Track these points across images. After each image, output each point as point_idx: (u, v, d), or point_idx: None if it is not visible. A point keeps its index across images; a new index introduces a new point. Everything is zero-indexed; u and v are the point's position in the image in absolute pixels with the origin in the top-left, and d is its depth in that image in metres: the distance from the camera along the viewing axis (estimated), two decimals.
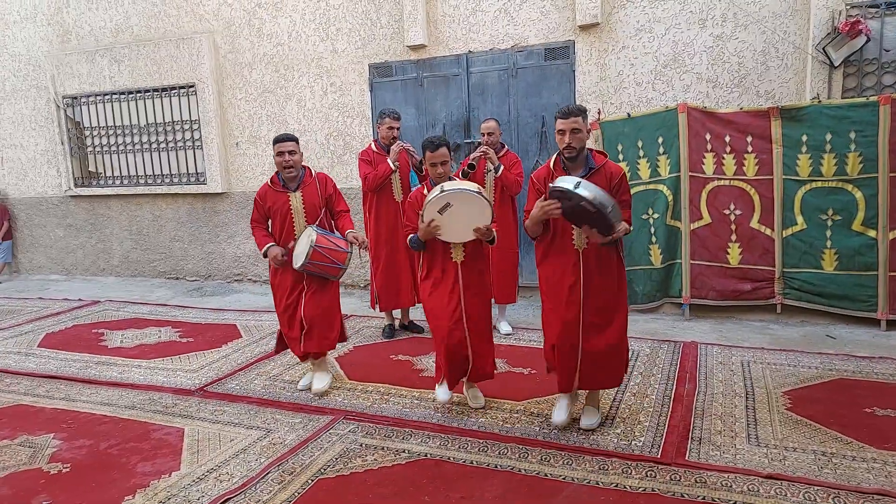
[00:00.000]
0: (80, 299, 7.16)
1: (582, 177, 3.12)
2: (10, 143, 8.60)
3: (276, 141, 3.91)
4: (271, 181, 4.02)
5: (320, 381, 4.10)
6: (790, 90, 5.23)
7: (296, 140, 3.94)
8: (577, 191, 2.91)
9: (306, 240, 3.83)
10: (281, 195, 3.97)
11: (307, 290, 3.99)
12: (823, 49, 4.90)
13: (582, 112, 3.21)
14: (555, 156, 3.30)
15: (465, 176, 5.09)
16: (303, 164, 4.03)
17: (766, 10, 5.20)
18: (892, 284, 4.84)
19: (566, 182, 2.99)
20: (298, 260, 3.83)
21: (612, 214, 2.96)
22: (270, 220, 4.07)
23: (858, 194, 4.85)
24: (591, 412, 3.49)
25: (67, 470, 3.25)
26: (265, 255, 3.98)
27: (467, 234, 3.45)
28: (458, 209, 3.37)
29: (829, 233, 4.99)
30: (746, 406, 3.65)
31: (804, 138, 4.92)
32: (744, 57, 5.31)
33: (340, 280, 4.10)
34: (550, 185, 3.10)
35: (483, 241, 3.55)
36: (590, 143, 5.72)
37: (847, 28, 4.69)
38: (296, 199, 3.96)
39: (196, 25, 7.35)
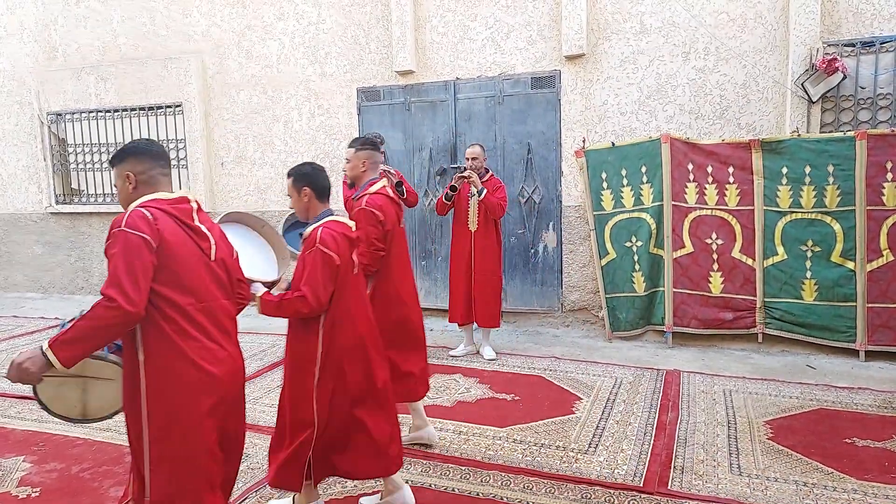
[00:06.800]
0: (56, 318, 7.02)
1: None
2: None
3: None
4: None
5: None
6: (770, 123, 5.35)
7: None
8: None
9: None
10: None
11: None
12: (802, 84, 5.02)
13: None
14: None
15: (449, 199, 5.14)
16: None
17: (746, 45, 5.34)
18: (871, 315, 4.90)
19: None
20: None
21: None
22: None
23: (837, 226, 4.93)
24: None
25: (37, 494, 3.15)
26: None
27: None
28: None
29: (808, 263, 5.06)
30: (728, 435, 3.66)
31: (784, 170, 5.02)
32: (725, 90, 5.43)
33: None
34: None
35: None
36: (574, 172, 5.81)
37: (824, 65, 4.82)
38: None
39: (184, 46, 7.36)
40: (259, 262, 2.82)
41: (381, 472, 2.83)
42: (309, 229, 2.69)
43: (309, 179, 2.75)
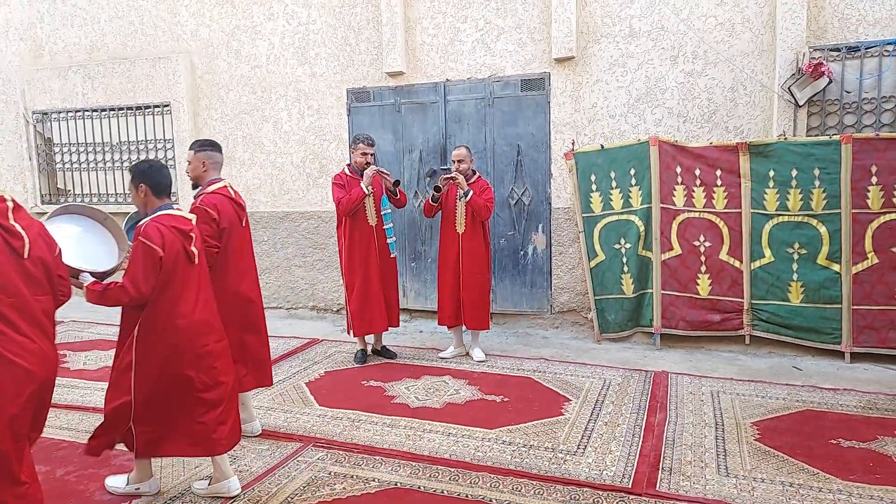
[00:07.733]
0: None
1: None
2: None
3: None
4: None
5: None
6: (758, 126, 5.39)
7: None
8: None
9: None
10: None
11: None
12: (789, 88, 5.07)
13: None
14: None
15: (435, 201, 5.16)
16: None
17: (734, 49, 5.38)
18: (856, 317, 4.95)
19: None
20: None
21: None
22: None
23: (823, 229, 4.98)
24: None
25: None
26: None
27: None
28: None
29: (795, 266, 5.10)
30: (716, 436, 3.68)
31: (771, 173, 5.06)
32: (713, 93, 5.47)
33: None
34: None
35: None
36: (564, 174, 5.83)
37: (810, 69, 4.87)
38: None
39: (173, 45, 7.31)
40: (99, 253, 3.01)
41: (205, 453, 3.01)
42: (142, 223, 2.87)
43: (144, 177, 2.98)
